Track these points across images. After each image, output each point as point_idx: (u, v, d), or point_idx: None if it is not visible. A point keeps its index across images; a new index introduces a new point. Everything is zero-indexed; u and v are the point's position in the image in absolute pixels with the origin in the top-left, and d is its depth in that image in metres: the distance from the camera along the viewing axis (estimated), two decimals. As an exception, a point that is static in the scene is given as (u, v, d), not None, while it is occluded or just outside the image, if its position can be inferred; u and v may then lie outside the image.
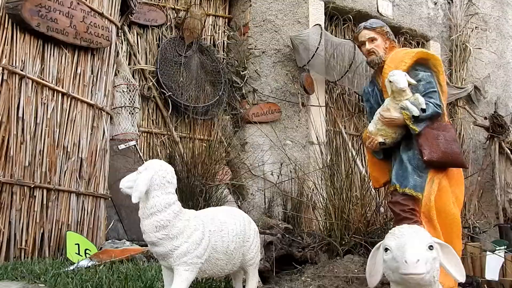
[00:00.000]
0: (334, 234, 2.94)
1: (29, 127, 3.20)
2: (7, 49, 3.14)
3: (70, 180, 3.45)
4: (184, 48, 6.26)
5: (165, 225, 1.72)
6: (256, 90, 6.49)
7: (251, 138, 6.30)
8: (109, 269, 2.79)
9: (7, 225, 3.05)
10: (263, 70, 6.59)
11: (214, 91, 6.47)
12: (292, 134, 6.58)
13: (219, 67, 6.50)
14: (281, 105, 6.47)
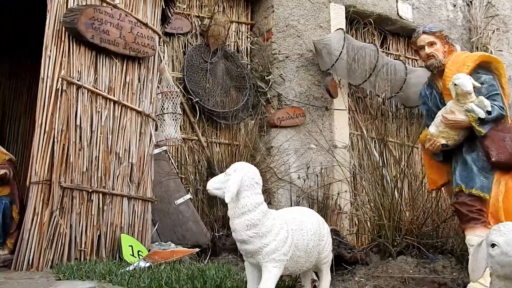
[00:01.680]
0: (385, 235, 3.04)
1: (86, 135, 3.34)
2: (64, 60, 3.29)
3: (122, 184, 3.58)
4: (209, 55, 6.42)
5: (255, 223, 1.84)
6: (280, 94, 6.63)
7: (276, 142, 6.42)
8: (171, 269, 2.91)
9: (69, 228, 3.17)
10: (287, 75, 6.72)
11: (240, 96, 6.62)
12: (316, 138, 6.70)
13: (243, 72, 6.65)
14: (305, 109, 6.59)
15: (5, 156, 3.52)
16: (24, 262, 3.00)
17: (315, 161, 6.57)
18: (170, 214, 4.91)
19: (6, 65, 5.04)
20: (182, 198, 5.04)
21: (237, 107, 6.45)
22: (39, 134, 3.17)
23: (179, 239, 4.58)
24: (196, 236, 4.82)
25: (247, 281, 2.02)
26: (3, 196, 3.45)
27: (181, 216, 5.00)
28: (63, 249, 3.15)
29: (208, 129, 6.26)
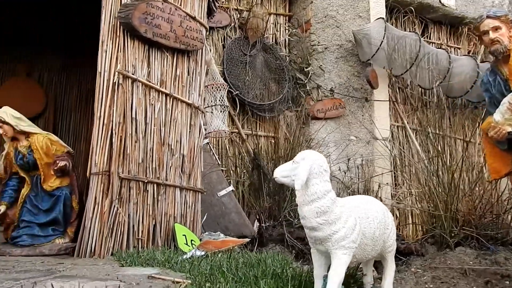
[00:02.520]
0: (442, 226, 2.98)
1: (140, 127, 3.44)
2: (120, 55, 3.38)
3: (175, 175, 3.67)
4: (248, 48, 6.44)
5: (325, 211, 1.86)
6: (320, 86, 6.60)
7: (316, 134, 6.40)
8: (228, 258, 2.97)
9: (127, 217, 3.28)
10: (326, 66, 6.68)
11: (279, 89, 6.63)
12: (356, 129, 6.63)
13: (282, 64, 6.64)
14: (345, 100, 6.54)
15: (64, 149, 3.66)
16: (87, 250, 3.12)
17: (355, 153, 6.51)
18: (213, 206, 4.99)
19: (58, 61, 5.22)
20: (224, 190, 5.11)
21: (276, 99, 6.47)
22: (97, 126, 3.28)
23: (222, 230, 4.65)
24: (238, 228, 4.89)
25: (314, 268, 2.04)
26: (63, 187, 3.59)
27: (224, 207, 5.08)
28: (122, 237, 3.27)
29: (248, 122, 6.30)
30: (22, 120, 3.59)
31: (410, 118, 7.28)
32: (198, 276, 2.44)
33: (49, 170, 3.58)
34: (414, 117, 7.32)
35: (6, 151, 3.60)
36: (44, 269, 2.64)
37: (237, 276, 2.45)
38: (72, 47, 5.24)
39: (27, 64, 5.09)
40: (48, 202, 3.57)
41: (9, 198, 3.58)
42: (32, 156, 3.55)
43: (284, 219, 4.33)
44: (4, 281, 2.21)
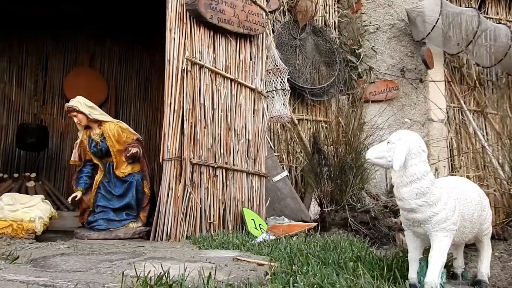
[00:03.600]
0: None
1: (208, 113, 3.47)
2: (188, 42, 3.41)
3: (241, 160, 3.70)
4: (298, 31, 6.35)
5: (425, 192, 1.81)
6: (372, 68, 6.44)
7: (368, 117, 6.27)
8: (303, 241, 2.97)
9: (199, 201, 3.34)
10: (378, 47, 6.51)
11: (330, 72, 6.51)
12: (410, 111, 6.45)
13: (333, 47, 6.51)
14: (398, 82, 6.36)
15: (133, 136, 3.76)
16: (164, 233, 3.21)
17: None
18: (269, 191, 5.00)
19: (117, 51, 5.35)
20: (279, 175, 5.11)
21: (327, 83, 6.37)
22: (168, 113, 3.33)
23: (278, 215, 4.67)
24: (294, 213, 4.89)
25: (409, 251, 2.00)
26: (135, 173, 3.70)
27: (279, 193, 5.08)
28: (195, 221, 3.34)
29: (299, 106, 6.25)
30: (94, 109, 3.70)
31: (467, 99, 7.00)
32: (282, 259, 2.46)
33: (121, 157, 3.69)
34: (471, 98, 7.03)
35: (80, 139, 3.73)
36: (129, 251, 2.73)
37: (321, 259, 2.45)
38: (130, 37, 5.35)
39: (89, 54, 5.24)
40: (120, 188, 3.69)
41: (84, 184, 3.72)
42: (104, 144, 3.66)
43: (346, 203, 4.28)
44: (100, 262, 2.30)
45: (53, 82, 5.13)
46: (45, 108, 5.08)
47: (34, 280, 1.75)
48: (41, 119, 5.01)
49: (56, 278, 1.82)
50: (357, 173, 4.43)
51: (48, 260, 2.35)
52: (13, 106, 4.96)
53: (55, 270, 2.09)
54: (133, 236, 3.57)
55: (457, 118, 6.93)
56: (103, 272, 2.08)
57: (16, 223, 3.25)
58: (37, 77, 5.08)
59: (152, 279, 1.74)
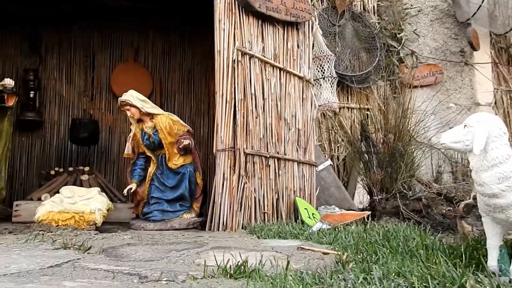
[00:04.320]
0: None
1: (259, 102, 3.46)
2: (237, 32, 3.40)
3: (292, 149, 3.68)
4: (337, 18, 6.23)
5: (508, 176, 1.74)
6: (414, 52, 6.27)
7: (412, 103, 6.11)
8: (363, 230, 2.94)
9: (254, 191, 3.35)
10: (421, 30, 6.31)
11: (370, 58, 6.37)
12: (455, 96, 6.25)
13: (373, 32, 6.36)
14: (442, 65, 6.17)
15: (184, 128, 3.80)
16: (220, 224, 3.24)
17: (455, 121, 6.16)
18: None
19: (160, 45, 5.41)
20: (322, 165, 5.05)
21: (368, 69, 6.24)
22: (220, 104, 3.35)
23: (322, 204, 4.64)
24: (339, 202, 4.83)
25: (488, 237, 1.93)
26: (187, 164, 3.75)
27: (323, 182, 5.03)
28: (250, 211, 3.35)
29: (340, 94, 6.15)
30: (146, 102, 3.76)
31: (515, 81, 6.71)
32: (348, 248, 2.43)
33: (173, 149, 3.74)
34: (521, 79, 6.73)
35: (133, 133, 3.81)
36: (191, 241, 2.77)
37: (386, 247, 2.41)
38: (173, 31, 5.41)
39: (134, 49, 5.33)
40: (173, 180, 3.75)
41: (138, 176, 3.80)
42: (157, 136, 3.72)
43: (397, 191, 4.20)
44: (168, 251, 2.35)
45: (101, 77, 5.25)
46: (94, 103, 5.21)
47: (117, 269, 1.80)
48: (90, 114, 5.15)
49: (135, 267, 1.86)
50: (408, 160, 4.34)
51: (118, 250, 2.41)
52: (64, 102, 5.12)
53: (129, 259, 2.14)
54: (188, 227, 3.63)
55: (505, 101, 6.67)
56: (174, 261, 2.12)
57: (78, 215, 3.35)
58: (86, 73, 5.21)
59: (232, 267, 1.75)
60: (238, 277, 1.73)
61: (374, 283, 1.59)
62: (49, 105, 5.06)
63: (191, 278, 1.65)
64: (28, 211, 3.93)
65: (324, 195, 4.97)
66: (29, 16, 4.99)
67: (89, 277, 1.71)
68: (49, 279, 1.64)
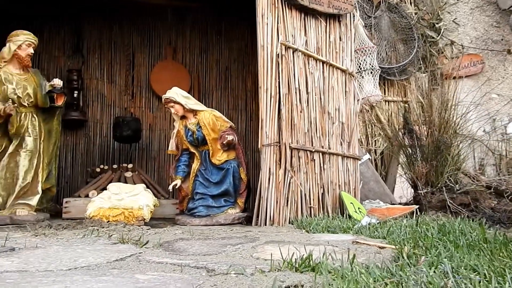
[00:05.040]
0: None
1: (303, 96, 3.43)
2: (281, 26, 3.38)
3: (336, 143, 3.64)
4: (372, 9, 6.12)
5: None
6: (453, 42, 6.10)
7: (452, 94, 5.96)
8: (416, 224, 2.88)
9: (301, 186, 3.34)
10: (460, 19, 6.13)
11: (408, 49, 6.25)
12: (498, 86, 6.05)
13: (410, 23, 6.23)
14: (483, 55, 5.98)
15: (227, 124, 3.82)
16: (267, 219, 3.24)
17: (498, 112, 5.97)
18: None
19: (197, 43, 5.46)
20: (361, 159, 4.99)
21: (405, 61, 6.12)
22: (265, 99, 3.33)
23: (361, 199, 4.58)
24: (379, 196, 4.75)
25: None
26: (231, 160, 3.76)
27: (362, 176, 4.96)
28: (297, 206, 3.34)
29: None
30: (190, 99, 3.79)
31: None
32: (405, 242, 2.38)
33: (216, 145, 3.76)
34: None
35: (177, 129, 3.85)
36: (241, 236, 2.78)
37: (444, 241, 2.35)
38: (209, 28, 5.45)
39: (172, 47, 5.40)
40: (217, 175, 3.77)
41: (182, 172, 3.84)
42: (200, 132, 3.75)
43: (443, 184, 4.10)
44: (223, 246, 2.36)
45: (140, 76, 5.34)
46: (134, 101, 5.31)
47: (182, 263, 1.81)
48: (131, 113, 5.25)
49: (198, 261, 1.88)
50: (454, 153, 4.23)
51: (173, 244, 2.44)
52: (105, 101, 5.24)
53: (187, 253, 2.16)
54: (233, 222, 3.65)
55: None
56: (232, 255, 2.13)
57: (127, 211, 3.42)
58: (126, 73, 5.31)
59: (297, 261, 1.74)
60: (304, 271, 1.72)
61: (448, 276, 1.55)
62: (92, 104, 5.19)
63: (259, 272, 1.65)
64: (77, 207, 4.05)
65: (364, 189, 4.91)
66: (70, 18, 5.13)
67: (157, 270, 1.73)
68: (120, 272, 1.67)
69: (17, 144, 3.58)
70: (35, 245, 2.20)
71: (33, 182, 3.62)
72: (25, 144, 3.60)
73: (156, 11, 5.23)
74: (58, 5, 4.93)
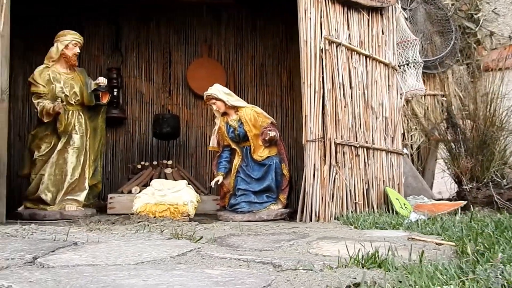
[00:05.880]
0: None
1: (347, 91, 3.40)
2: (324, 20, 3.34)
3: (380, 138, 3.59)
4: (407, 1, 6.00)
5: None
6: (493, 33, 5.92)
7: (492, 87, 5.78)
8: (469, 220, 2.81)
9: (347, 182, 3.31)
10: (500, 9, 5.94)
11: (444, 42, 6.11)
12: (542, 77, 5.84)
13: (447, 14, 6.07)
14: (525, 45, 5.78)
15: (268, 120, 3.82)
16: (312, 214, 3.23)
17: (541, 105, 5.77)
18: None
19: (232, 39, 5.48)
20: (399, 154, 4.89)
21: (442, 53, 5.98)
22: (308, 94, 3.32)
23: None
24: (417, 192, 4.66)
25: None
26: (273, 156, 3.76)
27: (400, 171, 4.87)
28: (342, 202, 3.31)
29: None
30: (231, 96, 3.80)
31: None
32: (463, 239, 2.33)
33: (258, 141, 3.76)
34: None
35: (218, 126, 3.87)
36: (290, 232, 2.78)
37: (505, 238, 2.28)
38: (244, 25, 5.45)
39: (207, 45, 5.43)
40: (259, 171, 3.77)
41: (224, 169, 3.86)
42: (242, 129, 3.76)
43: (490, 180, 3.99)
44: (276, 242, 2.36)
45: (177, 73, 5.40)
46: (171, 99, 5.37)
47: (245, 258, 1.82)
48: (168, 110, 5.32)
49: (261, 256, 1.88)
50: (500, 147, 4.11)
51: (226, 240, 2.46)
52: (144, 99, 5.33)
53: (244, 249, 2.17)
54: (275, 218, 3.65)
55: None
56: (289, 251, 2.12)
57: (173, 207, 3.47)
58: (163, 70, 5.38)
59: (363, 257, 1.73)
60: (370, 267, 1.70)
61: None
62: (131, 102, 5.28)
63: (328, 268, 1.64)
64: (121, 203, 4.13)
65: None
66: (109, 18, 5.22)
67: (222, 265, 1.74)
68: (188, 267, 1.69)
69: (65, 142, 3.67)
70: (97, 240, 2.25)
71: (80, 178, 3.71)
72: (72, 141, 3.69)
73: (191, 8, 5.26)
74: (97, 5, 5.03)
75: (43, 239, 2.34)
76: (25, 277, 1.44)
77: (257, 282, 1.41)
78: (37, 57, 4.73)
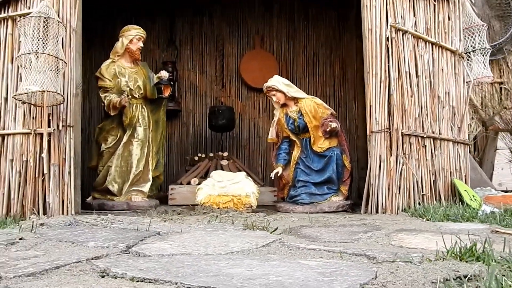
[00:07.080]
0: None
1: (414, 80, 3.30)
2: (390, 8, 3.25)
3: (446, 128, 3.48)
4: (464, -15, 5.74)
5: None
6: (560, 16, 5.59)
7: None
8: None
9: (415, 173, 3.23)
10: None
11: (504, 26, 5.83)
12: None
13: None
14: None
15: (328, 111, 3.77)
16: (378, 206, 3.18)
17: None
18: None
19: (284, 30, 5.45)
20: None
21: (502, 39, 5.71)
22: (373, 84, 3.25)
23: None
24: (476, 184, 4.48)
25: None
26: (333, 147, 3.72)
27: (457, 163, 4.70)
28: (409, 193, 3.24)
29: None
30: (291, 87, 3.78)
31: None
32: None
33: (318, 132, 3.73)
34: None
35: (278, 117, 3.86)
36: (360, 224, 2.74)
37: None
38: (295, 15, 5.40)
39: (259, 36, 5.43)
40: (319, 163, 3.74)
41: (283, 160, 3.86)
42: (302, 120, 3.73)
43: None
44: (353, 233, 2.34)
45: (230, 66, 5.44)
46: (225, 91, 5.42)
47: (334, 249, 1.81)
48: (222, 102, 5.37)
49: (346, 248, 1.87)
50: None
51: (300, 231, 2.45)
52: (197, 91, 5.40)
53: (324, 240, 2.16)
54: (337, 209, 3.62)
55: None
56: (371, 243, 2.10)
57: (236, 198, 3.51)
58: (216, 63, 5.43)
59: (461, 250, 1.68)
60: (468, 260, 1.65)
61: None
62: (185, 95, 5.36)
63: (427, 260, 1.61)
64: (182, 194, 4.22)
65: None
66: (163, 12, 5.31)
67: (314, 256, 1.74)
68: (281, 257, 1.70)
69: (130, 134, 3.77)
70: (180, 230, 2.31)
71: (144, 170, 3.81)
72: (137, 134, 3.79)
73: (244, 1, 5.27)
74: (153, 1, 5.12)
75: (125, 228, 2.42)
76: (133, 265, 1.49)
77: (363, 274, 1.40)
78: (95, 52, 4.88)
